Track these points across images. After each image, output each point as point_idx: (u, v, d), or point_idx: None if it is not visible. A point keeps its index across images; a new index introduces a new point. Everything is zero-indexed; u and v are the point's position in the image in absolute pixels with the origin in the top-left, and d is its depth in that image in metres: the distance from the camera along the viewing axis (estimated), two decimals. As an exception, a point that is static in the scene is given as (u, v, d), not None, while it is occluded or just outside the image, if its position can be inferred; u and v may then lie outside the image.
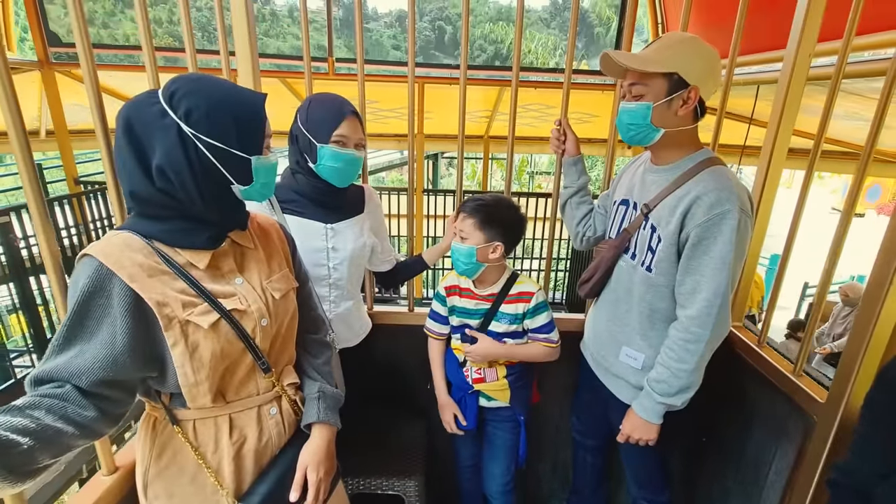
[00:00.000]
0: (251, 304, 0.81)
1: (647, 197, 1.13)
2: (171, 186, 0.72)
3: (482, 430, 1.45)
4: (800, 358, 1.18)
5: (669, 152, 1.11)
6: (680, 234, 1.05)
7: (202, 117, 0.71)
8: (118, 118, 0.72)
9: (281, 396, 0.88)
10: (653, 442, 1.15)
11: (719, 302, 1.02)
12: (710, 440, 1.51)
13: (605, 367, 1.28)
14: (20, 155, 0.80)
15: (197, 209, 0.75)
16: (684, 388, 1.08)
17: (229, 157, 0.73)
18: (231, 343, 0.77)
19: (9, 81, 0.76)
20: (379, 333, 1.48)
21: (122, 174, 0.73)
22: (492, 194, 1.27)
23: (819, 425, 1.07)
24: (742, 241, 1.01)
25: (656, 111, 1.04)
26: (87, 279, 0.68)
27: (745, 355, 1.38)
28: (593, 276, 1.26)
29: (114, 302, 0.69)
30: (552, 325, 1.31)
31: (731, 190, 1.00)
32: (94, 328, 0.68)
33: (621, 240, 1.18)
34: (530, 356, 1.33)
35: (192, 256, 0.77)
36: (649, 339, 1.15)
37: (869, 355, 0.94)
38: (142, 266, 0.71)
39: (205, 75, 0.75)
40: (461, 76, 1.35)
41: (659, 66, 1.02)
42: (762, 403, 1.30)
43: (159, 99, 0.71)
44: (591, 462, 1.55)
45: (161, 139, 0.70)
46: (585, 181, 1.36)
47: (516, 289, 1.28)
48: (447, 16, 33.75)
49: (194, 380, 0.75)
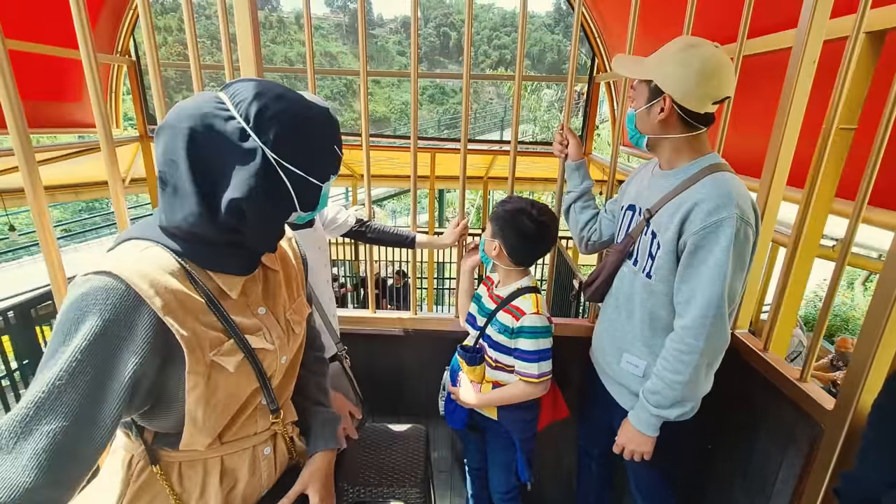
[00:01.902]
0: (275, 341, 0.72)
1: (650, 202, 1.13)
2: (241, 222, 0.61)
3: (485, 435, 1.44)
4: (806, 364, 1.17)
5: (673, 157, 1.10)
6: (678, 241, 1.03)
7: (291, 144, 0.59)
8: (173, 128, 0.58)
9: (276, 434, 0.78)
10: (648, 455, 1.13)
11: (713, 313, 0.99)
12: (716, 447, 1.49)
13: (608, 373, 1.27)
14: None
15: (250, 239, 0.65)
16: (679, 401, 1.06)
17: (305, 186, 0.63)
18: (249, 384, 0.69)
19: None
20: (380, 339, 1.48)
21: (171, 202, 0.60)
22: (522, 200, 1.23)
23: (827, 433, 1.05)
24: (741, 250, 0.98)
25: (638, 117, 1.09)
26: (106, 307, 0.54)
27: (750, 361, 1.36)
28: (596, 280, 1.26)
29: (136, 337, 0.56)
30: (536, 357, 1.20)
31: (731, 197, 0.97)
32: (102, 372, 0.54)
33: (624, 245, 1.18)
34: (510, 398, 1.26)
35: (226, 282, 0.66)
36: (651, 346, 1.14)
37: (877, 363, 0.92)
38: (176, 294, 0.59)
39: (279, 85, 0.62)
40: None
41: (636, 73, 1.05)
42: (768, 410, 1.28)
43: (233, 113, 0.58)
44: (595, 470, 1.54)
45: (240, 167, 0.58)
46: (588, 186, 1.36)
47: (516, 302, 1.24)
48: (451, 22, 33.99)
49: (203, 424, 0.64)
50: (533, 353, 1.20)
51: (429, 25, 33.44)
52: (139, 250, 0.60)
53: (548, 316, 1.24)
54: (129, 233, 0.64)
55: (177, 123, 0.58)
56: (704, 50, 0.99)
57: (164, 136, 0.59)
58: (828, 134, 1.09)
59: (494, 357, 1.27)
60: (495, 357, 1.27)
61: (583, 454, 1.56)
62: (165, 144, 0.59)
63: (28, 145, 0.95)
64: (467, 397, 1.32)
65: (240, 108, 0.58)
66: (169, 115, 0.59)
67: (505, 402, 1.28)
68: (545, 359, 1.22)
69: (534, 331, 1.20)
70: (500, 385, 1.29)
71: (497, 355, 1.27)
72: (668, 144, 1.09)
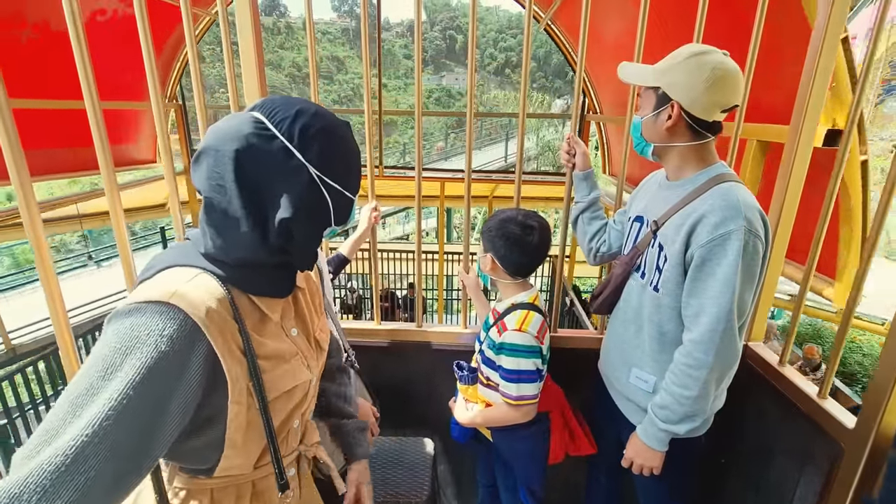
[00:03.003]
0: (310, 365, 0.72)
1: (657, 213, 1.10)
2: (290, 242, 0.60)
3: (491, 451, 1.41)
4: (825, 381, 1.13)
5: (679, 167, 1.08)
6: (685, 253, 1.01)
7: (332, 160, 0.60)
8: (216, 151, 0.56)
9: (301, 455, 0.78)
10: (657, 470, 1.10)
11: (722, 327, 0.96)
12: (729, 462, 1.45)
13: (616, 388, 1.25)
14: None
15: (296, 258, 0.64)
16: (688, 416, 1.03)
17: (342, 200, 0.63)
18: (285, 409, 0.68)
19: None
20: (386, 350, 1.46)
21: (220, 227, 0.59)
22: (510, 210, 1.22)
23: (847, 453, 1.01)
24: (750, 263, 0.96)
25: (645, 125, 1.07)
26: (163, 339, 0.51)
27: (765, 374, 1.33)
28: (603, 292, 1.23)
29: (191, 370, 0.54)
30: (514, 378, 1.14)
31: (738, 209, 0.95)
32: (155, 409, 0.51)
33: (631, 257, 1.15)
34: (493, 420, 1.23)
35: (268, 306, 0.65)
36: (660, 361, 1.11)
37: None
38: (227, 325, 0.58)
39: (311, 102, 0.63)
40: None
41: (643, 80, 1.04)
42: (785, 426, 1.24)
43: (274, 132, 0.57)
44: (604, 483, 1.50)
45: (289, 187, 0.57)
46: (597, 196, 1.34)
47: (507, 318, 1.19)
48: (457, 25, 34.07)
49: (242, 449, 0.63)
50: (512, 372, 1.14)
51: (435, 28, 33.56)
52: (188, 278, 0.58)
53: (535, 335, 1.15)
54: (170, 259, 0.61)
55: (220, 146, 0.56)
56: (713, 57, 0.97)
57: (207, 159, 0.57)
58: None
59: (486, 374, 1.24)
60: (487, 374, 1.24)
61: (591, 466, 1.54)
62: (210, 169, 0.57)
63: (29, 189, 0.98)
64: (459, 415, 1.30)
65: (281, 127, 0.57)
66: (208, 139, 0.58)
67: (489, 423, 1.25)
68: (525, 381, 1.14)
69: (513, 349, 1.14)
70: (490, 405, 1.26)
71: (489, 372, 1.23)
72: (674, 153, 1.07)
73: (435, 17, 33.59)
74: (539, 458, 1.29)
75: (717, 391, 1.06)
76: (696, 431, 1.08)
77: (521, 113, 1.35)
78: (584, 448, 1.33)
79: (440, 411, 1.40)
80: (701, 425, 1.08)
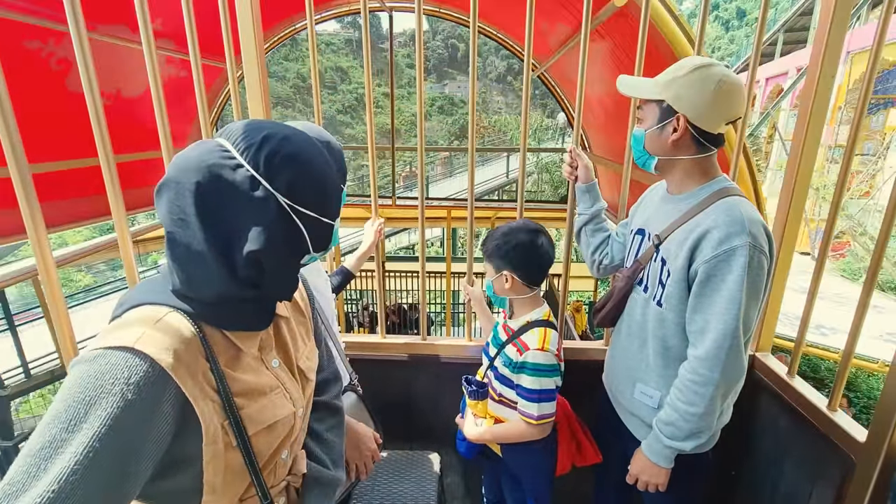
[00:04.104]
0: (293, 397, 0.68)
1: (659, 227, 1.10)
2: (259, 276, 0.57)
3: (498, 465, 1.41)
4: (834, 392, 1.12)
5: (681, 180, 1.08)
6: (689, 269, 1.00)
7: (303, 188, 0.56)
8: (177, 184, 0.53)
9: (289, 485, 0.73)
10: (662, 487, 1.08)
11: (728, 344, 0.95)
12: (739, 474, 1.43)
13: (621, 403, 1.23)
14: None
15: (270, 290, 0.61)
16: (695, 433, 1.02)
17: (319, 227, 0.59)
18: (271, 445, 0.65)
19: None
20: (391, 364, 1.46)
21: (184, 264, 0.55)
22: (501, 227, 1.22)
23: (859, 467, 1.00)
24: (755, 279, 0.95)
25: (648, 138, 1.06)
26: (129, 387, 0.49)
27: (774, 386, 1.31)
28: (606, 306, 1.22)
29: (160, 416, 0.51)
30: (536, 397, 1.14)
31: (743, 224, 0.94)
32: (124, 459, 0.48)
33: (633, 270, 1.15)
34: (507, 437, 1.21)
35: (242, 340, 0.62)
36: (665, 377, 1.10)
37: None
38: (196, 364, 0.55)
39: (284, 125, 0.59)
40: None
41: (646, 93, 1.03)
42: (796, 439, 1.23)
43: (240, 161, 0.54)
44: (613, 498, 1.49)
45: (255, 218, 0.54)
46: (599, 208, 1.33)
47: (524, 336, 1.19)
48: (459, 34, 34.34)
49: (222, 492, 0.60)
50: (534, 391, 1.14)
51: (437, 38, 33.84)
52: (156, 319, 0.55)
53: (556, 353, 1.17)
54: (138, 296, 0.58)
55: (181, 178, 0.53)
56: (719, 69, 0.97)
57: (167, 193, 0.54)
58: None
59: (499, 391, 1.23)
60: (500, 391, 1.23)
61: (598, 481, 1.52)
62: (170, 202, 0.53)
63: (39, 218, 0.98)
64: (468, 431, 1.29)
65: (246, 155, 0.54)
66: (169, 171, 0.54)
67: (502, 440, 1.24)
68: (546, 399, 1.15)
69: (536, 368, 1.14)
70: (501, 421, 1.24)
71: (502, 389, 1.23)
72: (678, 166, 1.06)
73: (437, 26, 33.90)
74: (547, 470, 1.28)
75: (722, 406, 1.05)
76: (702, 448, 1.06)
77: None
78: (589, 458, 1.32)
79: (446, 424, 1.40)
80: (707, 441, 1.06)
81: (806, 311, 1.24)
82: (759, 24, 1.24)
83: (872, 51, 1.05)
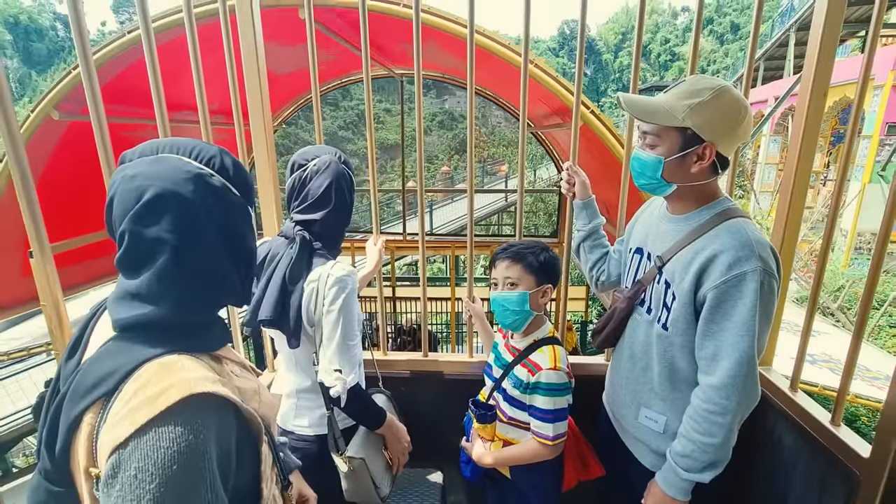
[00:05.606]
0: (261, 389, 0.72)
1: (661, 248, 1.07)
2: (249, 273, 0.66)
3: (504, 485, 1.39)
4: (837, 406, 1.12)
5: (685, 202, 1.05)
6: (696, 293, 0.97)
7: (245, 180, 0.63)
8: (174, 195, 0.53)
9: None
10: None
11: (745, 371, 0.92)
12: (743, 490, 1.41)
13: (625, 427, 1.20)
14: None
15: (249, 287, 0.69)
16: (713, 464, 0.98)
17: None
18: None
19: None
20: (394, 381, 1.46)
21: (188, 281, 0.56)
22: (526, 241, 1.24)
23: (864, 483, 0.99)
24: (767, 304, 0.92)
25: (668, 166, 0.99)
26: (202, 431, 0.51)
27: (777, 400, 1.31)
28: (606, 327, 1.20)
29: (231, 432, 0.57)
30: (552, 417, 1.12)
31: (752, 248, 0.91)
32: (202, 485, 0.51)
33: (635, 291, 1.12)
34: (520, 459, 1.19)
35: (226, 354, 0.66)
36: (670, 400, 1.07)
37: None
38: (228, 383, 0.60)
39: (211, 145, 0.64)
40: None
41: (670, 120, 0.96)
42: (799, 454, 1.22)
43: (206, 169, 0.58)
44: (619, 514, 1.47)
45: (243, 219, 0.62)
46: (597, 224, 1.34)
47: (533, 355, 1.18)
48: (458, 50, 34.86)
49: (270, 479, 0.66)
50: (549, 412, 1.12)
51: (436, 54, 34.39)
52: (179, 366, 0.54)
53: (567, 371, 1.16)
54: (140, 354, 0.54)
55: (180, 189, 0.54)
56: (736, 93, 0.95)
57: (167, 207, 0.53)
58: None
59: (509, 413, 1.21)
60: (510, 413, 1.21)
61: (603, 495, 1.50)
62: (176, 216, 0.54)
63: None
64: (479, 456, 1.25)
65: (207, 164, 0.58)
66: (157, 185, 0.53)
67: (515, 462, 1.22)
68: (561, 419, 1.14)
69: (550, 388, 1.12)
70: (511, 444, 1.23)
71: (512, 411, 1.21)
72: (689, 191, 1.02)
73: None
74: (554, 487, 1.27)
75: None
76: (717, 475, 1.02)
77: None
78: (594, 472, 1.31)
79: (449, 442, 1.39)
80: (721, 469, 1.02)
81: (806, 325, 1.24)
82: (750, 48, 1.28)
83: (859, 85, 1.06)
